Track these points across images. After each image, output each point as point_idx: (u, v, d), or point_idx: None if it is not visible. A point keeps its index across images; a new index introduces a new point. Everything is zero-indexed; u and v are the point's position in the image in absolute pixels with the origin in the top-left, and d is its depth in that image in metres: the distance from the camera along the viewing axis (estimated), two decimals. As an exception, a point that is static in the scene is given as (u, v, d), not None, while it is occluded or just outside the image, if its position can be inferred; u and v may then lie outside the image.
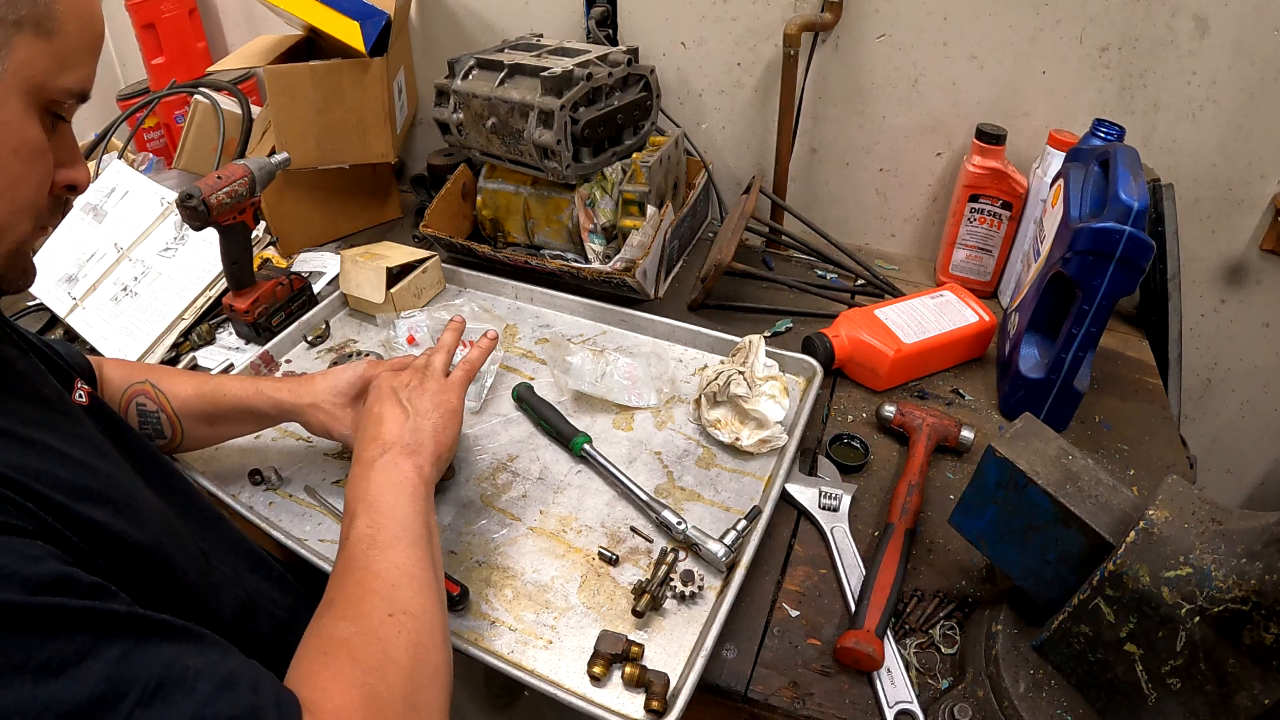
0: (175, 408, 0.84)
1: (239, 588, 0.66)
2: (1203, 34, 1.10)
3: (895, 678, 0.73)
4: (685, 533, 0.83)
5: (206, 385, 0.86)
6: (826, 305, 1.25)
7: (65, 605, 0.42)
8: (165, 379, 0.85)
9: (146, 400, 0.83)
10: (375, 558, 0.59)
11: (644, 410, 1.03)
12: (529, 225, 1.30)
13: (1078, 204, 0.94)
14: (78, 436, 0.58)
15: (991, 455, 0.69)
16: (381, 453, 0.69)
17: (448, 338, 0.85)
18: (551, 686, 0.70)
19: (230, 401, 0.85)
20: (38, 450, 0.51)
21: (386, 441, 0.70)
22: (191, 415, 0.85)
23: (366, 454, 0.69)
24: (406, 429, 0.72)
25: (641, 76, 1.25)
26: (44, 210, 0.55)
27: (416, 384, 0.77)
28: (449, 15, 1.47)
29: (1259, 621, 0.54)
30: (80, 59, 0.53)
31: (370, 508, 0.64)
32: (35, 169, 0.53)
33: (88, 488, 0.52)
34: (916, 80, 1.26)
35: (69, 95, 0.53)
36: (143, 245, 1.26)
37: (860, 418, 1.05)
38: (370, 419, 0.74)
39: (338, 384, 0.84)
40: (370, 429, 0.73)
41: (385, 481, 0.66)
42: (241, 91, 1.43)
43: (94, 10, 0.54)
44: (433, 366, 0.80)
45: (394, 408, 0.74)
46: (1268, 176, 1.18)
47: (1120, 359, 1.17)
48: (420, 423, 0.73)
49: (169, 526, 0.60)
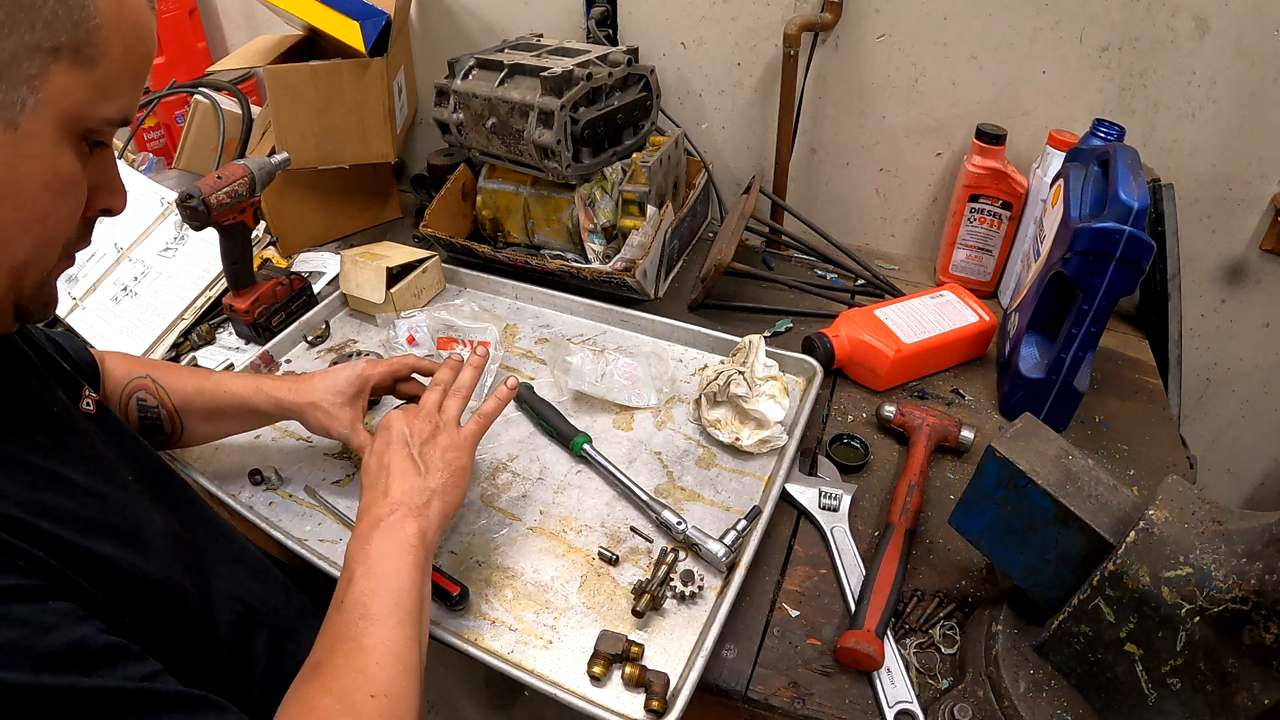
0: (176, 404, 0.84)
1: (239, 601, 0.66)
2: (1203, 34, 1.10)
3: (895, 678, 0.73)
4: (685, 533, 0.83)
5: (208, 382, 0.86)
6: (826, 305, 1.25)
7: (74, 687, 0.42)
8: (166, 374, 0.85)
9: (147, 395, 0.83)
10: (366, 631, 0.59)
11: (644, 410, 1.03)
12: (529, 225, 1.30)
13: (1078, 204, 0.94)
14: (85, 458, 0.57)
15: (991, 455, 0.69)
16: (389, 513, 0.67)
17: (467, 377, 0.80)
18: (551, 686, 0.70)
19: (231, 399, 0.85)
20: (47, 481, 0.51)
21: (394, 500, 0.68)
22: (192, 411, 0.85)
23: (373, 511, 0.68)
24: (415, 488, 0.70)
25: (641, 76, 1.25)
26: (73, 239, 0.53)
27: (429, 435, 0.74)
28: (449, 15, 1.47)
29: (1259, 621, 0.54)
30: (124, 87, 0.50)
31: (369, 573, 0.63)
32: (66, 202, 0.50)
33: (97, 520, 0.52)
34: (916, 80, 1.26)
35: (109, 124, 0.50)
36: (143, 245, 1.26)
37: (860, 418, 1.05)
38: (378, 468, 0.71)
39: (336, 383, 0.84)
40: (379, 481, 0.70)
41: (388, 546, 0.65)
42: (241, 91, 1.43)
43: (142, 33, 0.50)
44: (447, 415, 0.76)
45: (404, 460, 0.71)
46: (1268, 176, 1.18)
47: (1120, 359, 1.17)
48: (430, 481, 0.71)
49: (173, 546, 0.60)
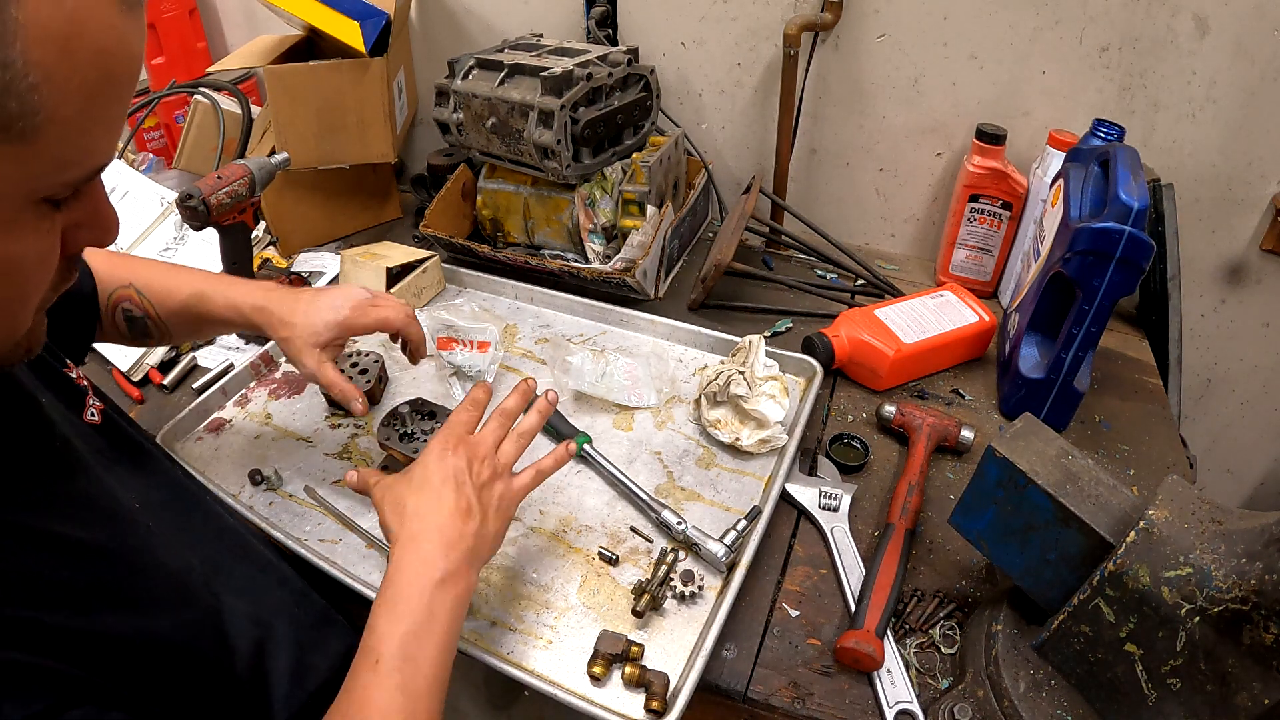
0: (160, 312, 0.83)
1: (257, 623, 0.63)
2: (1203, 34, 1.10)
3: (895, 678, 0.73)
4: (685, 533, 0.83)
5: (191, 298, 0.84)
6: (826, 305, 1.25)
7: None
8: (150, 281, 0.83)
9: (132, 307, 0.82)
10: (401, 707, 0.55)
11: (644, 410, 1.03)
12: (529, 225, 1.30)
13: (1078, 204, 0.94)
14: (84, 501, 0.54)
15: (991, 455, 0.69)
16: (444, 566, 0.61)
17: (532, 422, 0.73)
18: (551, 686, 0.70)
19: (215, 318, 0.84)
20: (42, 547, 0.48)
21: (450, 540, 0.62)
22: (177, 323, 0.84)
23: (431, 558, 0.61)
24: (473, 533, 0.64)
25: (641, 76, 1.25)
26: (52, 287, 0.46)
27: (488, 479, 0.67)
28: (449, 15, 1.47)
29: (1259, 621, 0.54)
30: (91, 138, 0.39)
31: (415, 635, 0.57)
32: (30, 279, 0.43)
33: (99, 585, 0.50)
34: (916, 80, 1.26)
35: (75, 186, 0.41)
36: (143, 245, 1.26)
37: (860, 418, 1.05)
38: (431, 499, 0.64)
39: (315, 324, 0.82)
40: (433, 517, 0.63)
41: (449, 602, 0.60)
42: (241, 91, 1.43)
43: (110, 61, 0.38)
44: (504, 460, 0.70)
45: (461, 501, 0.64)
46: (1268, 176, 1.18)
47: (1120, 359, 1.17)
48: (487, 528, 0.65)
49: (183, 588, 0.57)
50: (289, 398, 1.05)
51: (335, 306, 0.83)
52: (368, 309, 0.84)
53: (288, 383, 1.07)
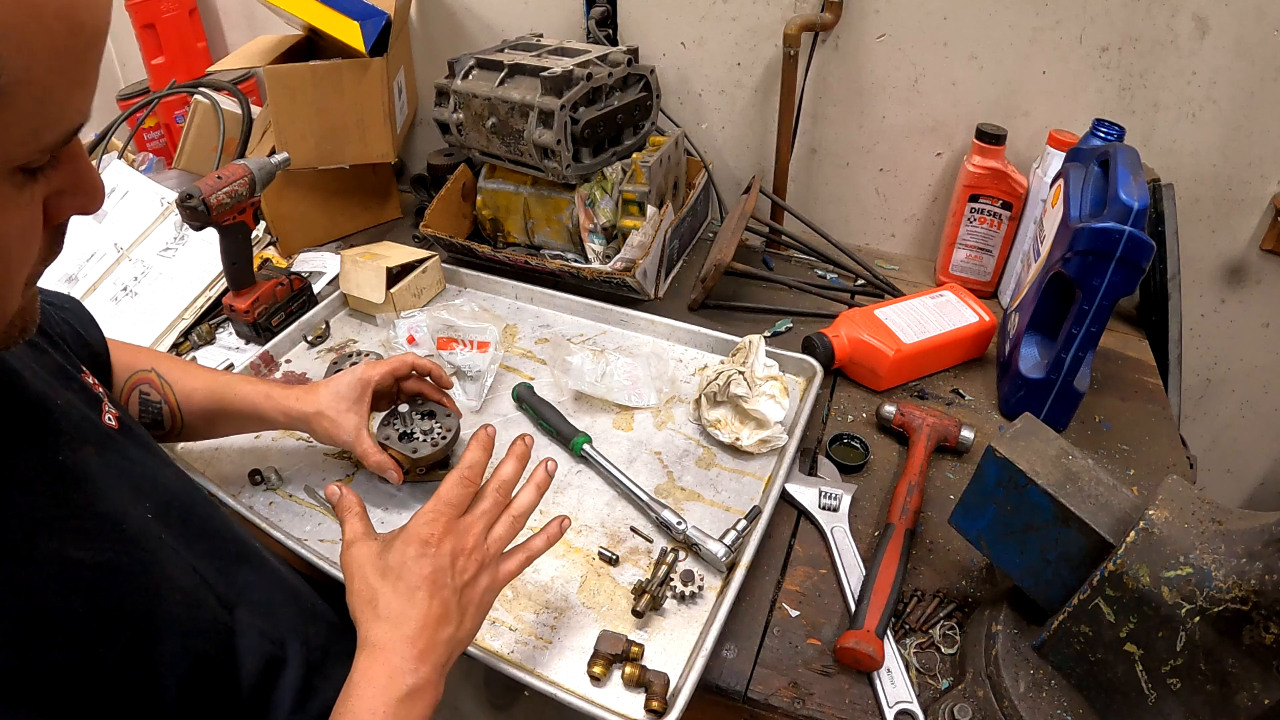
0: (180, 401, 0.82)
1: (267, 640, 0.62)
2: (1203, 34, 1.10)
3: (895, 678, 0.73)
4: (685, 533, 0.83)
5: (216, 383, 0.84)
6: (826, 305, 1.25)
7: None
8: (171, 369, 0.83)
9: (151, 390, 0.81)
10: None
11: (644, 410, 1.03)
12: (529, 225, 1.30)
13: (1078, 204, 0.94)
14: (95, 516, 0.52)
15: (991, 455, 0.69)
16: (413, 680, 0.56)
17: (527, 501, 0.66)
18: (551, 686, 0.70)
19: (240, 405, 0.84)
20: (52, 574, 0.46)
21: (421, 650, 0.57)
22: (196, 411, 0.83)
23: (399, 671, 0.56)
24: (447, 639, 0.59)
25: (641, 76, 1.25)
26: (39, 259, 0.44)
27: (473, 576, 0.61)
28: (449, 15, 1.47)
29: (1259, 621, 0.54)
30: (62, 97, 0.37)
31: None
32: (13, 255, 0.41)
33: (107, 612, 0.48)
34: (916, 80, 1.26)
35: (52, 151, 0.39)
36: (143, 245, 1.26)
37: (860, 418, 1.05)
38: (404, 601, 0.58)
39: (339, 389, 0.84)
40: (405, 626, 0.57)
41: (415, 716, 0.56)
42: (241, 91, 1.43)
43: (74, 13, 0.36)
44: (493, 548, 0.63)
45: (436, 606, 0.58)
46: (1268, 176, 1.18)
47: (1120, 359, 1.17)
48: (461, 632, 0.60)
49: (195, 605, 0.56)
50: (289, 398, 1.05)
51: (350, 371, 0.86)
52: (379, 363, 0.87)
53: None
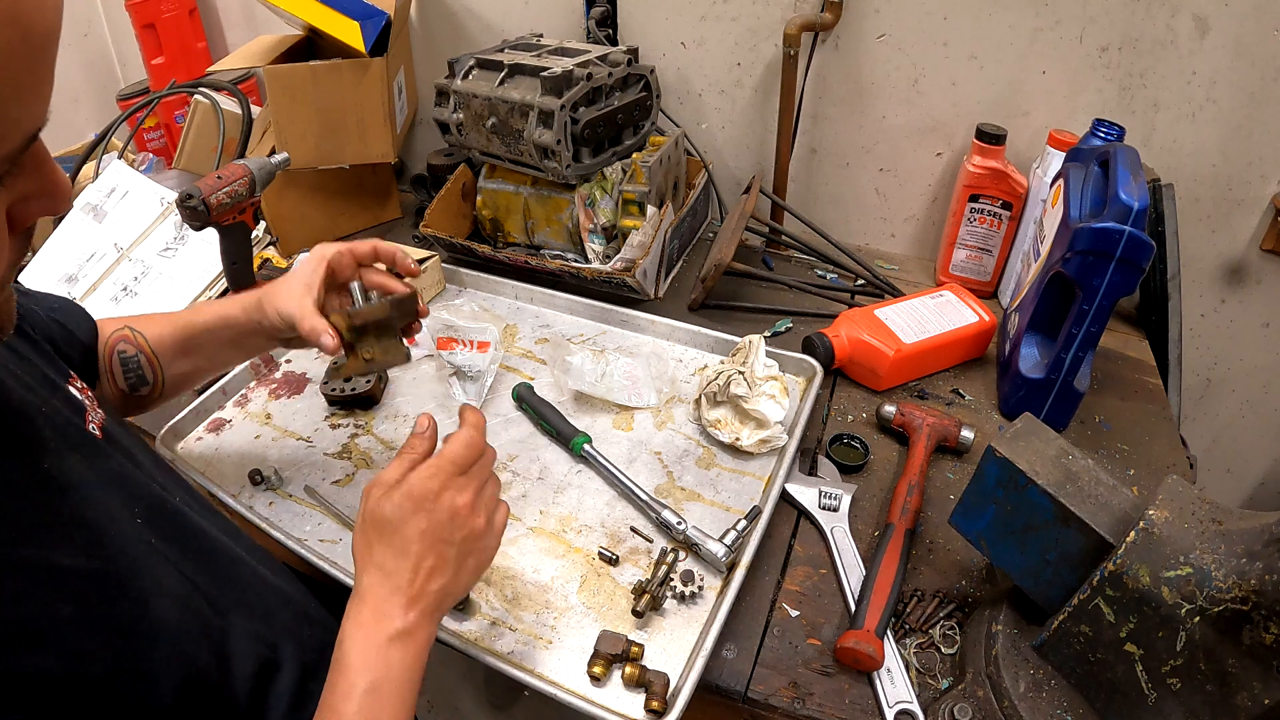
0: (153, 345, 0.82)
1: (262, 643, 0.61)
2: (1203, 34, 1.10)
3: (895, 678, 0.73)
4: (685, 533, 0.83)
5: (183, 315, 0.84)
6: (826, 305, 1.25)
7: None
8: (143, 320, 0.83)
9: (126, 345, 0.81)
10: None
11: (644, 410, 1.03)
12: (529, 225, 1.30)
13: (1078, 204, 0.94)
14: (81, 525, 0.51)
15: (991, 455, 0.69)
16: (401, 623, 0.58)
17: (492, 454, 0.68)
18: (551, 686, 0.70)
19: (207, 318, 0.82)
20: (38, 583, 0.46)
21: (411, 598, 0.59)
22: (168, 349, 0.83)
23: (391, 613, 0.58)
24: (441, 590, 0.60)
25: (641, 76, 1.25)
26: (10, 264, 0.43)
27: (470, 530, 0.62)
28: (449, 15, 1.47)
29: (1259, 621, 0.54)
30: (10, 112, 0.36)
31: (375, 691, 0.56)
32: None
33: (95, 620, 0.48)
34: (916, 80, 1.26)
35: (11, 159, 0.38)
36: (143, 245, 1.26)
37: (860, 418, 1.05)
38: (398, 553, 0.60)
39: (295, 269, 0.79)
40: (397, 577, 0.59)
41: (400, 665, 0.57)
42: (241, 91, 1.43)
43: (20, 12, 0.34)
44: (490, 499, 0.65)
45: (433, 558, 0.60)
46: (1268, 176, 1.18)
47: (1120, 359, 1.17)
48: (456, 584, 0.62)
49: (186, 610, 0.56)
50: (289, 398, 1.05)
51: (305, 263, 0.79)
52: (336, 245, 0.80)
53: (288, 383, 1.07)
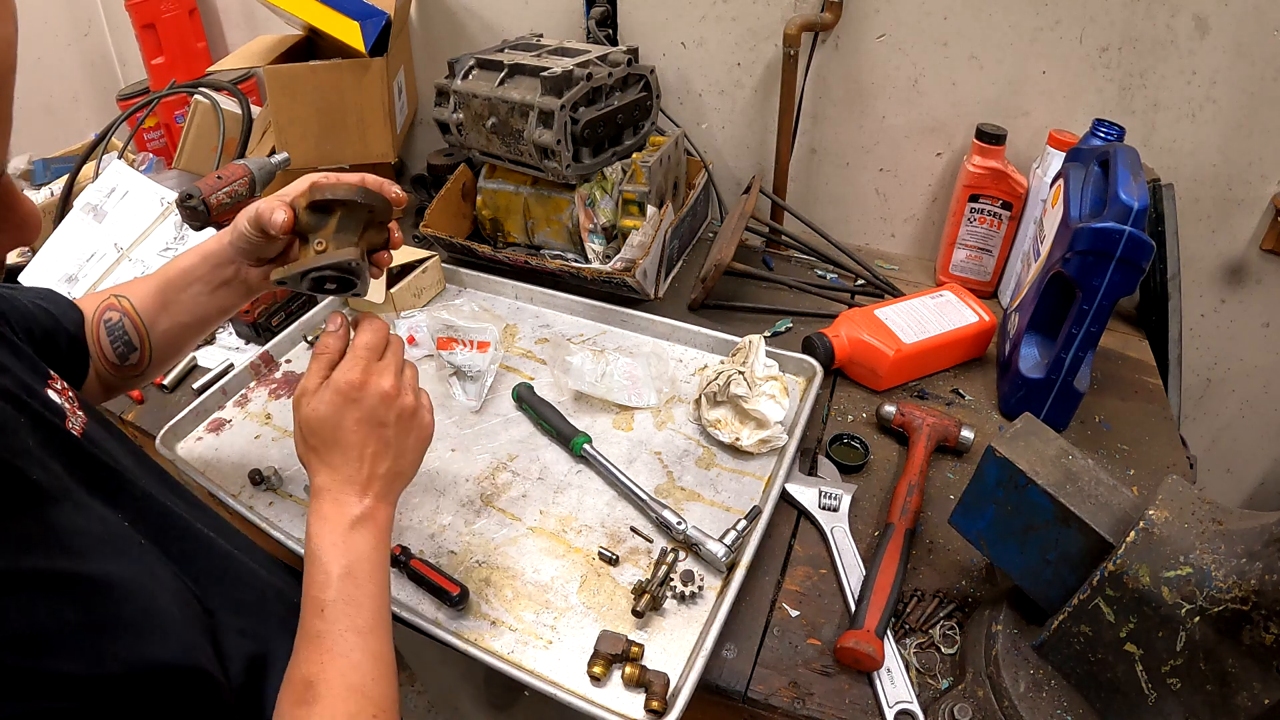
0: (138, 306, 0.80)
1: (251, 638, 0.62)
2: (1203, 34, 1.10)
3: (895, 678, 0.73)
4: (685, 533, 0.83)
5: (160, 271, 0.81)
6: (826, 305, 1.25)
7: None
8: (126, 285, 0.82)
9: (112, 312, 0.79)
10: (357, 645, 0.59)
11: (644, 410, 1.03)
12: (529, 225, 1.30)
13: (1078, 204, 0.94)
14: (72, 531, 0.51)
15: (991, 455, 0.69)
16: (366, 508, 0.64)
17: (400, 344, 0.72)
18: (551, 686, 0.70)
19: (188, 260, 0.79)
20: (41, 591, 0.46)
21: (361, 485, 0.65)
22: (150, 308, 0.80)
23: (346, 502, 0.64)
24: (389, 473, 0.66)
25: (641, 76, 1.25)
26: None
27: (401, 409, 0.67)
28: (449, 15, 1.47)
29: (1259, 621, 0.54)
30: None
31: (352, 575, 0.61)
32: None
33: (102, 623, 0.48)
34: (916, 80, 1.26)
35: None
36: (143, 245, 1.26)
37: (860, 418, 1.05)
38: (341, 445, 0.65)
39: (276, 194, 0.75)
40: (344, 469, 0.65)
41: (368, 544, 0.63)
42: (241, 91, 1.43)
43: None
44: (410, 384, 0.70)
45: (374, 443, 0.66)
46: (1268, 176, 1.18)
47: (1120, 359, 1.17)
48: (401, 463, 0.68)
49: (181, 598, 0.56)
50: (289, 398, 1.05)
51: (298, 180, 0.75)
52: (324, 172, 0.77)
53: (288, 383, 1.07)
